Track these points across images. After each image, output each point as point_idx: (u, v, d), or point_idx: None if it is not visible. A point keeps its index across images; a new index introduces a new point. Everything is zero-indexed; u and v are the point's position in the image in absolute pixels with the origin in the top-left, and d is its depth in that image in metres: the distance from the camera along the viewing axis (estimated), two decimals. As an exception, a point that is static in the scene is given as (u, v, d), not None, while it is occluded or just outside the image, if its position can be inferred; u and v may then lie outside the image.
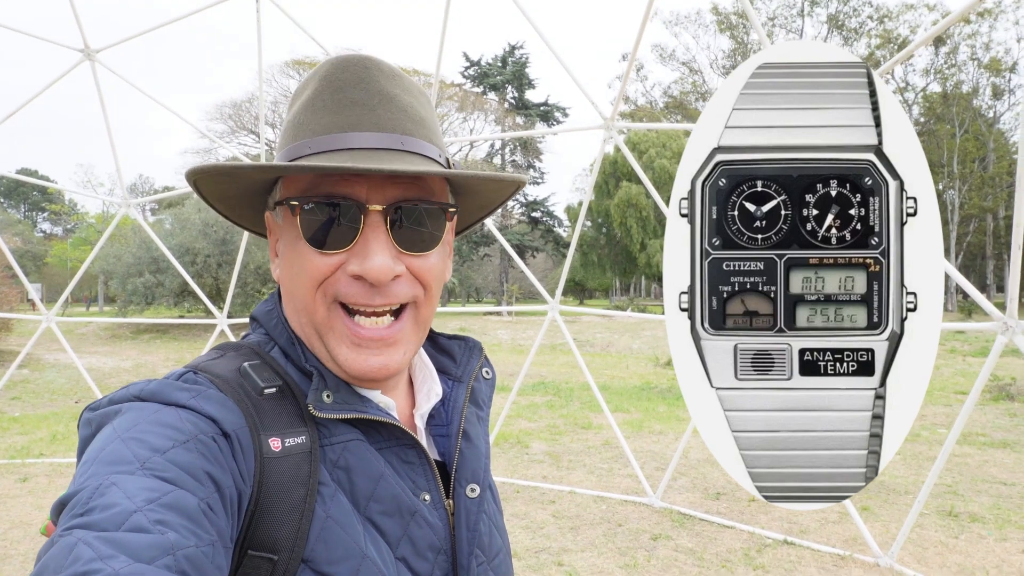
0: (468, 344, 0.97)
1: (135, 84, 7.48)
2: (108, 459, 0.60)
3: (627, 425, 9.35)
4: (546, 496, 6.05)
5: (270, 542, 0.67)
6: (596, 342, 21.18)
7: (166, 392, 0.69)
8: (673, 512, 5.54)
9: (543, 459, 7.46)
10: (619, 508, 5.71)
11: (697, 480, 6.56)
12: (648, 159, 31.80)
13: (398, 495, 0.75)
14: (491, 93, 40.23)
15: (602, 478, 6.69)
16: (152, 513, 0.56)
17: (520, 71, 39.83)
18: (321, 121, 0.76)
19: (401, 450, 0.78)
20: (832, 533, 5.06)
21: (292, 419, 0.73)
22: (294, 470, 0.70)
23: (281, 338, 0.81)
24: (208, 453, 0.64)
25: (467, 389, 0.90)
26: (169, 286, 22.63)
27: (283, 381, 0.76)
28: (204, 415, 0.67)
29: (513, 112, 38.74)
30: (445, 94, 36.17)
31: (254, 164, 0.75)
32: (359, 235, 0.75)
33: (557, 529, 5.21)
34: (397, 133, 0.77)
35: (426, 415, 0.87)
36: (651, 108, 43.86)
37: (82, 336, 22.06)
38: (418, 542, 0.76)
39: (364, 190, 0.75)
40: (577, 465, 7.20)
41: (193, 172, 0.76)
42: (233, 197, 0.85)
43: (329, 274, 0.76)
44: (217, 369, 0.74)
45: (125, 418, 0.65)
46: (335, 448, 0.74)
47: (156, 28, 6.97)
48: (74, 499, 0.58)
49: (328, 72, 0.79)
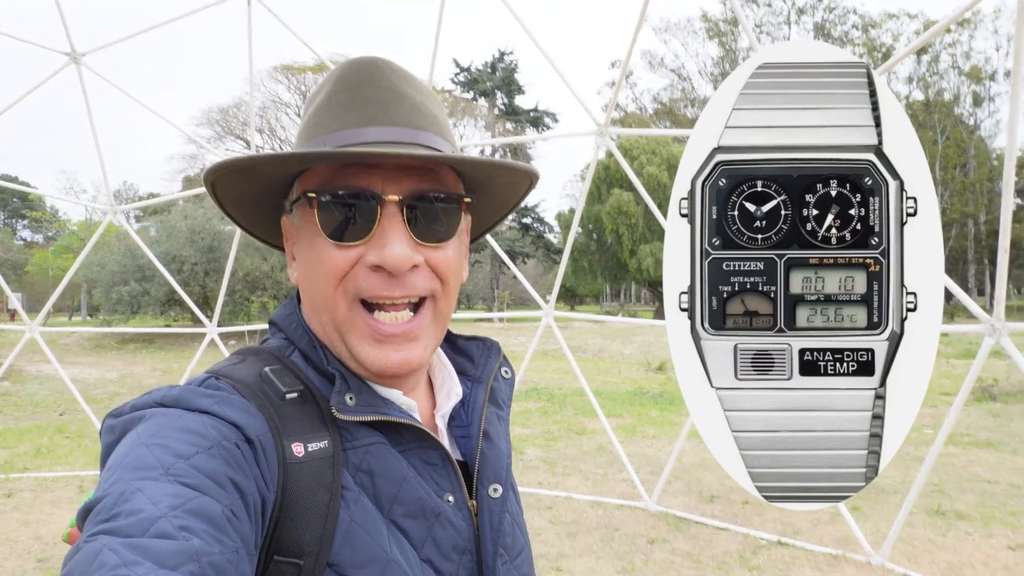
0: (486, 344, 0.98)
1: (121, 88, 7.42)
2: (132, 465, 0.61)
3: (621, 430, 9.35)
4: (543, 502, 6.04)
5: (295, 547, 0.67)
6: (588, 348, 21.20)
7: (189, 398, 0.69)
8: (669, 516, 5.55)
9: (538, 465, 7.45)
10: (615, 513, 5.71)
11: (691, 483, 6.57)
12: (638, 166, 31.96)
13: (422, 497, 0.76)
14: (481, 99, 40.34)
15: (597, 483, 6.69)
16: (177, 519, 0.56)
17: (510, 77, 39.97)
18: (337, 119, 0.78)
19: (424, 452, 0.79)
20: (825, 533, 5.08)
21: (314, 424, 0.73)
22: (317, 475, 0.70)
23: (302, 342, 0.81)
24: (232, 459, 0.64)
25: (486, 389, 0.91)
26: (155, 295, 22.33)
27: (304, 386, 0.76)
28: (227, 421, 0.67)
29: (503, 118, 38.84)
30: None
31: (274, 154, 0.74)
32: (376, 226, 0.75)
33: (555, 535, 5.20)
34: (410, 128, 0.78)
35: (447, 416, 0.88)
36: (640, 115, 44.12)
37: (65, 346, 21.74)
38: (443, 543, 0.77)
39: (380, 182, 0.76)
40: (572, 471, 7.20)
41: (212, 171, 0.75)
42: (249, 200, 0.85)
43: (348, 268, 0.76)
44: (239, 375, 0.74)
45: (149, 424, 0.66)
46: (358, 452, 0.74)
47: (144, 32, 6.93)
48: (99, 505, 0.58)
49: (342, 73, 0.80)
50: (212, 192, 0.81)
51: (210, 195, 0.82)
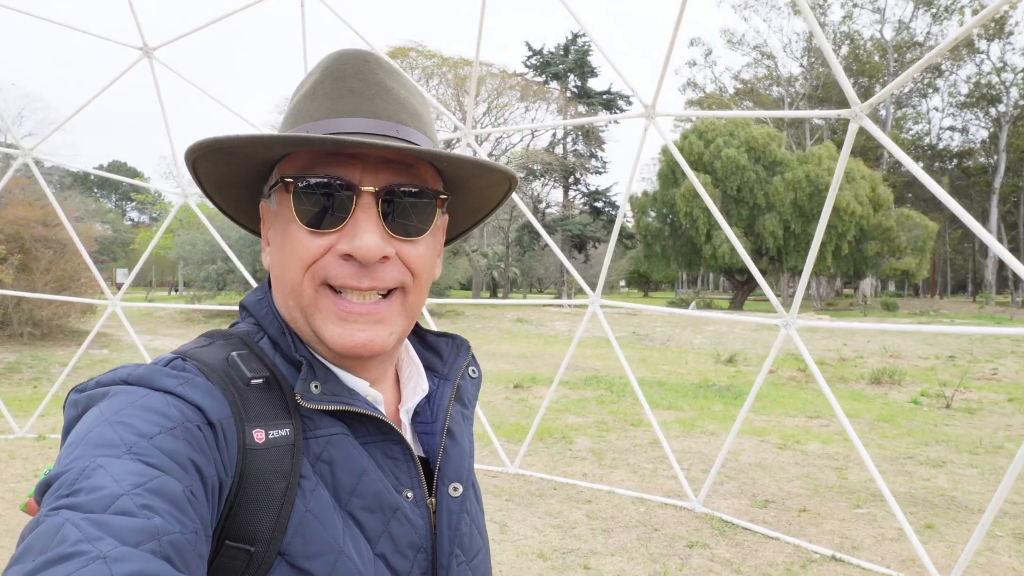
0: (456, 342, 0.97)
1: (191, 80, 7.66)
2: (95, 441, 0.61)
3: (678, 424, 9.03)
4: (583, 495, 5.86)
5: (248, 533, 0.67)
6: (656, 336, 20.68)
7: (154, 378, 0.69)
8: (714, 518, 5.25)
9: (586, 456, 7.26)
10: (657, 511, 5.46)
11: (745, 485, 6.22)
12: (715, 148, 30.74)
13: (380, 491, 0.75)
14: (553, 82, 39.82)
15: (645, 478, 6.44)
16: (138, 497, 0.56)
17: (582, 59, 39.20)
18: (321, 108, 0.78)
19: (386, 445, 0.78)
20: (888, 552, 4.67)
21: (277, 411, 0.73)
22: (276, 462, 0.70)
23: (271, 328, 0.81)
24: (193, 441, 0.64)
25: (453, 387, 0.90)
26: (239, 274, 23.56)
27: (270, 372, 0.76)
28: (191, 403, 0.67)
29: (575, 101, 38.19)
30: (507, 84, 36.03)
31: (254, 135, 0.74)
32: (350, 216, 0.75)
33: (589, 530, 5.02)
34: (393, 122, 0.79)
35: (411, 411, 0.87)
36: (720, 95, 42.35)
37: (160, 319, 23.37)
38: (398, 539, 0.76)
39: (358, 172, 0.76)
40: (620, 464, 6.97)
41: (193, 149, 0.75)
42: (231, 184, 0.85)
43: (319, 255, 0.76)
44: (205, 357, 0.74)
45: (112, 401, 0.65)
46: (319, 441, 0.74)
47: (208, 24, 7.09)
48: (60, 479, 0.58)
49: (329, 64, 0.81)
50: (193, 172, 0.81)
51: (191, 175, 0.82)
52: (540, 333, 22.30)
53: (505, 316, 25.70)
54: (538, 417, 6.60)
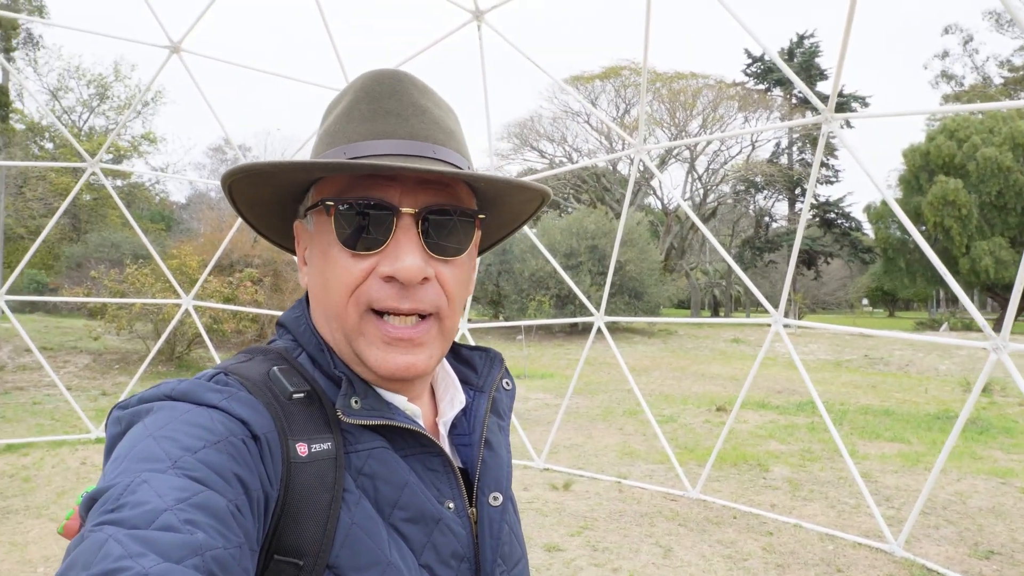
0: (489, 355, 0.98)
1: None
2: (139, 456, 0.61)
3: (900, 457, 8.04)
4: (765, 526, 5.55)
5: (295, 547, 0.68)
6: (893, 360, 18.34)
7: (198, 392, 0.70)
8: (915, 565, 4.67)
9: (780, 485, 6.82)
10: (847, 551, 4.99)
11: (968, 532, 5.40)
12: (971, 147, 26.44)
13: (422, 503, 0.77)
14: (776, 88, 37.45)
15: (842, 514, 5.89)
16: (182, 513, 0.57)
17: (809, 62, 36.35)
18: (357, 129, 0.79)
19: (426, 458, 0.80)
20: None
21: (318, 425, 0.75)
22: (320, 476, 0.71)
23: (309, 344, 0.82)
24: (238, 455, 0.65)
25: (488, 399, 0.92)
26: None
27: (311, 387, 0.78)
28: (235, 417, 0.68)
29: (801, 107, 35.51)
30: (725, 94, 34.70)
31: (294, 162, 0.76)
32: (391, 237, 0.77)
33: (762, 563, 4.77)
34: (429, 142, 0.80)
35: (449, 423, 0.88)
36: (984, 86, 36.31)
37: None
38: (442, 550, 0.77)
39: (397, 194, 0.77)
40: (817, 496, 6.44)
41: (231, 173, 0.78)
42: (266, 203, 0.87)
43: (362, 280, 0.77)
44: (246, 372, 0.75)
45: (156, 416, 0.67)
46: (360, 455, 0.75)
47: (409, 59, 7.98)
48: (104, 495, 0.59)
49: (363, 85, 0.82)
50: (228, 194, 0.84)
51: (226, 197, 0.85)
52: (751, 355, 21.00)
53: (721, 336, 24.59)
54: (720, 440, 6.37)
